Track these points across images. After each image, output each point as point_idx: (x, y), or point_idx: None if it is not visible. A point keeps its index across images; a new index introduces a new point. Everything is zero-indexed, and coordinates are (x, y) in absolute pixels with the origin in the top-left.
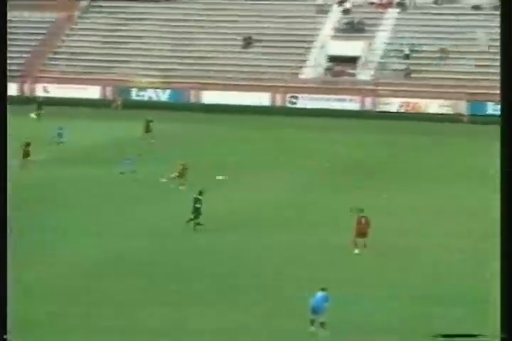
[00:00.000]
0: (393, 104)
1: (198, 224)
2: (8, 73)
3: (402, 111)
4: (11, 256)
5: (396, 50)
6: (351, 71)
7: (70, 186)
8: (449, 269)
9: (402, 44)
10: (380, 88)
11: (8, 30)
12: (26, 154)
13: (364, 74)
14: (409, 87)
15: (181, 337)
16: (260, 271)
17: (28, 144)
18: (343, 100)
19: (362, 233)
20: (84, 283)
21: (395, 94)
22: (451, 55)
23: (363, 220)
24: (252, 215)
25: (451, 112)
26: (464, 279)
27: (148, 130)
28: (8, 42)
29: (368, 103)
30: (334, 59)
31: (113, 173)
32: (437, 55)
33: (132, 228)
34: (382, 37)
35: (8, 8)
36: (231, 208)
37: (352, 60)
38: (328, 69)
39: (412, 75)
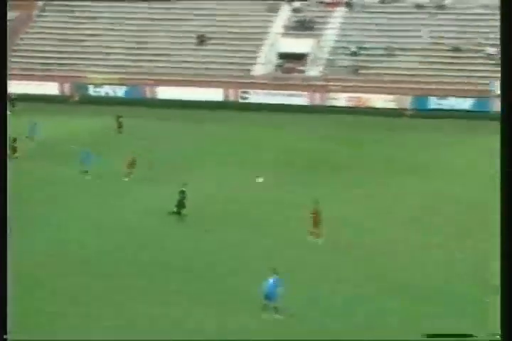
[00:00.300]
0: (341, 99)
1: (180, 214)
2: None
3: (350, 105)
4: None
5: (344, 47)
6: (301, 67)
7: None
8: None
9: (349, 41)
10: (328, 84)
11: None
12: (14, 150)
13: (313, 71)
14: (357, 83)
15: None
16: (214, 265)
17: (15, 140)
18: (293, 95)
19: (317, 223)
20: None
21: (343, 89)
22: (396, 52)
23: (317, 211)
24: (209, 210)
25: (396, 107)
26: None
27: (120, 126)
28: None
29: (317, 98)
30: (284, 56)
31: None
32: (383, 52)
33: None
34: (330, 35)
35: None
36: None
37: (301, 57)
38: (278, 66)
39: (360, 71)
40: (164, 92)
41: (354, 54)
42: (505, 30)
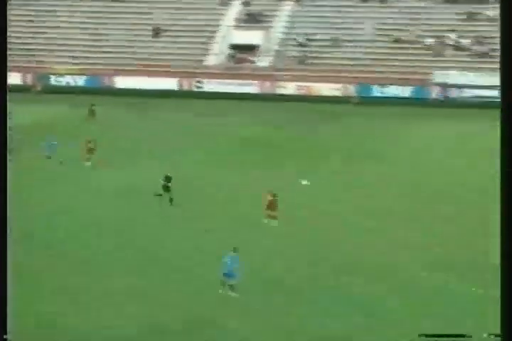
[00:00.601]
0: (289, 88)
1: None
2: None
3: (298, 94)
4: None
5: (292, 38)
6: (252, 58)
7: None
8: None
9: (297, 33)
10: (277, 73)
11: None
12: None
13: (263, 61)
14: (304, 72)
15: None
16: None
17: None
18: (244, 84)
19: (274, 206)
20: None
21: (292, 78)
22: (341, 44)
23: (274, 195)
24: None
25: (341, 95)
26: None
27: (93, 114)
28: None
29: (267, 87)
30: (236, 47)
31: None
32: (329, 43)
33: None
34: (279, 27)
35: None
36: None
37: (252, 48)
38: (230, 57)
39: (307, 61)
40: (122, 82)
41: (302, 45)
42: (505, 30)
